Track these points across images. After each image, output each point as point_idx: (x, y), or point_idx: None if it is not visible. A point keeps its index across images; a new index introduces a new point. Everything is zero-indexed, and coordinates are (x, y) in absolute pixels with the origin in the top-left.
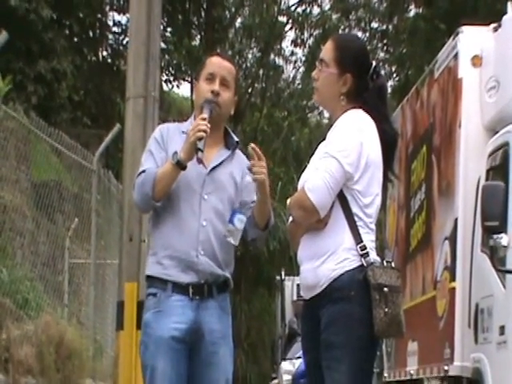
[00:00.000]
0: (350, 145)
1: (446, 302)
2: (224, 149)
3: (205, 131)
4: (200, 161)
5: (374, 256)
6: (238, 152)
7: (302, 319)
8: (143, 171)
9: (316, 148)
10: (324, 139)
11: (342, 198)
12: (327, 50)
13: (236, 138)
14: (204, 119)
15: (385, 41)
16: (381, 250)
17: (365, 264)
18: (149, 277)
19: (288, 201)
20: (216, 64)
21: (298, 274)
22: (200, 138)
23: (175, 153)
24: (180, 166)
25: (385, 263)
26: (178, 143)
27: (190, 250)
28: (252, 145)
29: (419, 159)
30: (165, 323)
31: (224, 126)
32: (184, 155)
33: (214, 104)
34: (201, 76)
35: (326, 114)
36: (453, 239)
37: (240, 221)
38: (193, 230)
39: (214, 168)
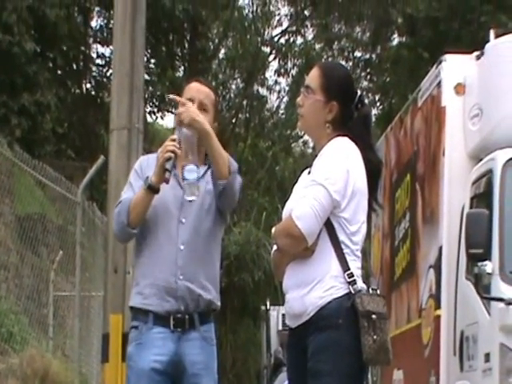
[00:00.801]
0: (336, 172)
1: (431, 329)
2: (201, 169)
3: (173, 152)
4: (167, 181)
5: (360, 283)
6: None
7: (288, 348)
8: (120, 202)
9: (299, 176)
10: (307, 167)
11: (329, 225)
12: (313, 77)
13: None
14: (173, 140)
15: (368, 69)
16: (366, 277)
17: (352, 291)
18: (132, 308)
19: (273, 230)
20: (194, 89)
21: (283, 304)
22: (168, 159)
23: (147, 178)
24: (151, 189)
25: (371, 291)
26: None
27: (169, 276)
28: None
29: (403, 187)
30: (146, 355)
31: (204, 150)
32: (154, 178)
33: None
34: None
35: (311, 144)
36: (437, 267)
37: (189, 171)
38: (170, 255)
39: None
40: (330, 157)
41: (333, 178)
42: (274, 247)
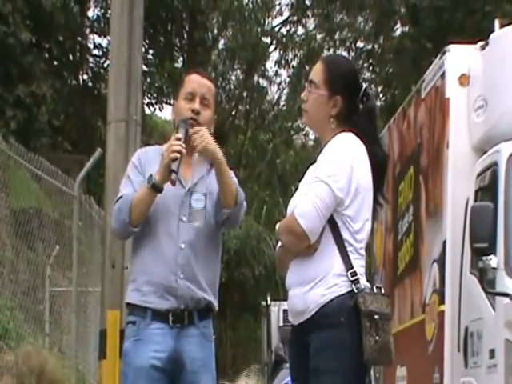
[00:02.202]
0: (340, 169)
1: (434, 325)
2: (204, 166)
3: (179, 152)
4: (174, 183)
5: (364, 282)
6: None
7: (291, 345)
8: (120, 197)
9: (305, 172)
10: (313, 162)
11: (332, 223)
12: (317, 72)
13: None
14: (179, 139)
15: (370, 60)
16: (370, 274)
17: (355, 290)
18: (129, 304)
19: (277, 226)
20: (195, 82)
21: (284, 299)
22: (174, 159)
23: (150, 176)
24: (155, 188)
25: (375, 289)
26: (156, 166)
27: (169, 274)
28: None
29: (406, 180)
30: (144, 352)
31: None
32: (159, 178)
33: (190, 123)
34: (180, 95)
35: (312, 136)
36: (441, 262)
37: (196, 200)
38: (171, 253)
39: (190, 187)
40: (334, 153)
41: (336, 175)
42: (279, 244)
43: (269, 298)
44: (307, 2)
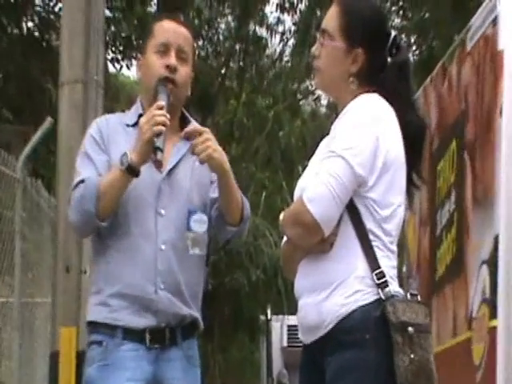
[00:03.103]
0: (361, 140)
1: (484, 345)
2: (181, 141)
3: (164, 124)
4: (160, 165)
5: (394, 287)
6: None
7: (301, 370)
8: (81, 181)
9: (316, 146)
10: (326, 134)
11: (352, 210)
12: (331, 18)
13: (196, 123)
14: (161, 108)
15: (401, 3)
16: (402, 278)
17: (383, 297)
18: (92, 323)
19: (281, 216)
20: (169, 31)
21: (288, 313)
22: (158, 134)
23: (124, 154)
24: (132, 171)
25: (409, 296)
26: (122, 141)
27: (146, 283)
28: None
29: (447, 158)
30: (114, 381)
31: (180, 110)
32: (137, 157)
33: (170, 85)
34: (148, 47)
35: (324, 101)
36: (493, 263)
37: (198, 222)
38: (149, 257)
39: (170, 170)
40: (353, 120)
41: (356, 148)
42: (284, 238)
43: (269, 311)
44: None
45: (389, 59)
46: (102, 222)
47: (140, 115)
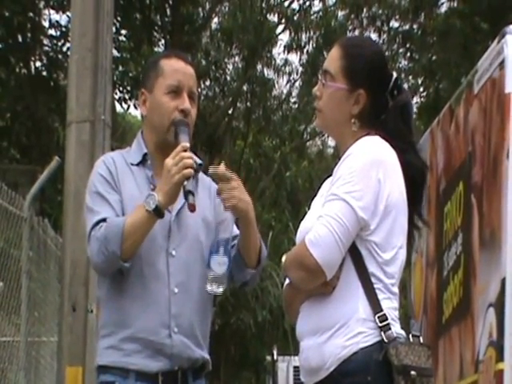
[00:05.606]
0: (364, 184)
1: None
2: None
3: (192, 167)
4: (193, 207)
5: (397, 329)
6: (202, 175)
7: None
8: (101, 220)
9: (319, 188)
10: (329, 175)
11: (354, 253)
12: (333, 59)
13: (198, 160)
14: (186, 150)
15: (408, 45)
16: (405, 320)
17: (385, 340)
18: (102, 366)
19: (283, 258)
20: (180, 72)
21: (294, 353)
22: (188, 177)
23: (151, 196)
24: (159, 213)
25: (411, 338)
26: (129, 181)
27: (161, 327)
28: (211, 168)
29: (454, 200)
30: None
31: None
32: (165, 199)
33: (187, 126)
34: (157, 85)
35: (332, 142)
36: (499, 305)
37: (219, 264)
38: (162, 300)
39: (179, 210)
40: (356, 163)
41: (358, 191)
42: (286, 281)
43: (275, 352)
44: None
45: (390, 101)
46: (125, 263)
47: (145, 154)
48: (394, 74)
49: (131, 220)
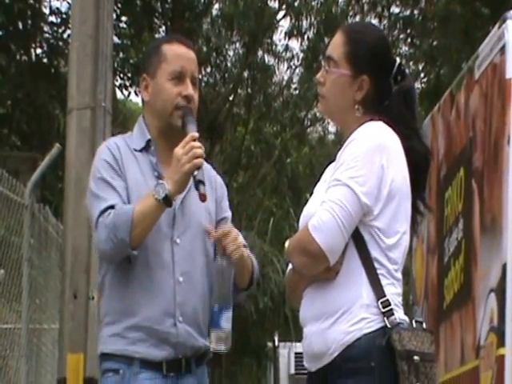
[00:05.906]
0: (367, 169)
1: (492, 374)
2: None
3: (202, 156)
4: (204, 197)
5: (400, 315)
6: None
7: None
8: (109, 207)
9: (321, 173)
10: (332, 161)
11: (357, 238)
12: (336, 45)
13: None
14: (195, 139)
15: (409, 30)
16: (408, 306)
17: (388, 325)
18: (106, 354)
19: (286, 244)
20: (183, 57)
21: (296, 340)
22: (198, 167)
23: (161, 184)
24: (168, 202)
25: (414, 324)
26: (133, 167)
27: (165, 316)
28: (212, 236)
29: (455, 186)
30: None
31: None
32: (175, 188)
33: (193, 115)
34: (159, 70)
35: (332, 128)
36: (500, 291)
37: (226, 320)
38: (167, 289)
39: (183, 197)
40: (359, 148)
41: (362, 177)
42: (289, 266)
43: (276, 338)
44: None
45: (393, 87)
46: (133, 251)
47: (148, 140)
48: (398, 60)
49: (140, 208)
